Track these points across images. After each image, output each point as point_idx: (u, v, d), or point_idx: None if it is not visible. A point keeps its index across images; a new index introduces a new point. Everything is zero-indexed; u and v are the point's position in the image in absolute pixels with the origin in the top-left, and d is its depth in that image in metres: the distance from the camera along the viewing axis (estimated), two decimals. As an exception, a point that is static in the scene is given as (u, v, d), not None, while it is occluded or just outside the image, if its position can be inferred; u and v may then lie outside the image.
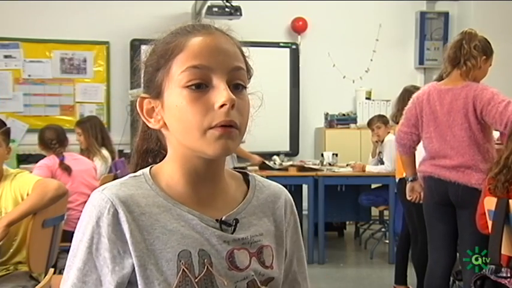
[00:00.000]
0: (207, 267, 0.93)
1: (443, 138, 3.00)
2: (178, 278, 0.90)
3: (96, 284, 0.90)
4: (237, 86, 0.94)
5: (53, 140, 3.89)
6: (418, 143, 3.21)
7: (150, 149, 1.05)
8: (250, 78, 1.01)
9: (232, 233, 0.97)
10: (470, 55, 2.93)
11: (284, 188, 1.10)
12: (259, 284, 0.98)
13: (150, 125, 0.99)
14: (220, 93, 0.90)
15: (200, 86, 0.91)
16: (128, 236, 0.90)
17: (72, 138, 4.35)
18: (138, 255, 0.90)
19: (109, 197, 0.91)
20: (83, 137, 4.47)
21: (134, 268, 0.90)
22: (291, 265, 1.07)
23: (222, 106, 0.90)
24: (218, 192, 1.00)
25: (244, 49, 1.00)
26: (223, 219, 0.97)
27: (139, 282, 0.90)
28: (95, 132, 4.49)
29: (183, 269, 0.91)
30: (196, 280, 0.91)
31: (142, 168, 1.01)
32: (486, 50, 2.98)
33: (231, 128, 0.91)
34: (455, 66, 2.98)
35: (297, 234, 1.09)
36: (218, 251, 0.94)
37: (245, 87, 0.96)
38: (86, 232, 0.91)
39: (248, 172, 1.09)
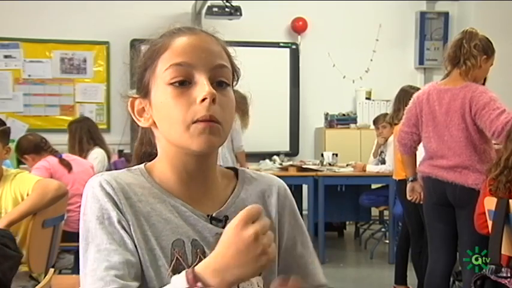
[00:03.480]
0: (200, 257, 0.95)
1: (441, 138, 3.00)
2: (172, 265, 0.93)
3: (119, 252, 0.90)
4: (220, 84, 0.96)
5: (41, 140, 3.82)
6: (418, 143, 3.21)
7: (147, 153, 1.08)
8: (238, 79, 1.04)
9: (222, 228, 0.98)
10: (470, 54, 2.93)
11: (277, 178, 1.12)
12: None
13: (140, 124, 1.02)
14: (201, 88, 0.93)
15: (183, 83, 0.95)
16: (128, 217, 0.93)
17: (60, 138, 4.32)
18: (138, 238, 0.92)
19: (108, 180, 0.95)
20: (68, 138, 4.43)
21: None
22: (295, 249, 1.07)
23: (203, 100, 0.92)
24: (208, 190, 1.02)
25: (230, 50, 1.03)
26: (213, 215, 0.99)
27: (142, 265, 0.92)
28: (79, 134, 4.37)
29: (177, 257, 0.93)
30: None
31: None
32: (487, 49, 2.97)
33: (213, 123, 0.93)
34: (455, 65, 2.98)
35: (295, 218, 1.10)
36: (210, 242, 0.96)
37: (229, 85, 0.98)
38: (94, 211, 0.93)
39: (238, 168, 1.10)
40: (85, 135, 4.39)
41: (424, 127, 3.08)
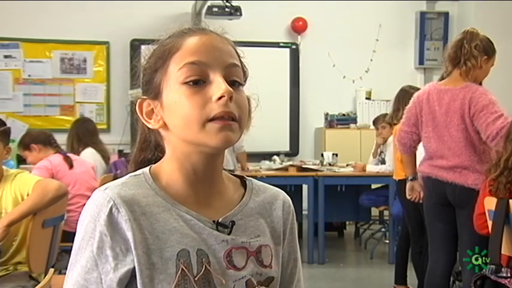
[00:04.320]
0: (205, 266, 0.94)
1: (440, 138, 2.99)
2: (178, 277, 0.91)
3: (97, 282, 0.91)
4: (233, 83, 0.96)
5: (51, 134, 3.88)
6: (418, 143, 3.21)
7: (147, 159, 1.06)
8: (246, 79, 1.02)
9: (228, 234, 0.98)
10: (470, 55, 2.92)
11: (282, 191, 1.12)
12: (255, 284, 0.98)
13: (149, 126, 1.00)
14: (218, 86, 0.92)
15: (198, 82, 0.94)
16: (129, 234, 0.91)
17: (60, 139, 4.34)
18: (138, 254, 0.91)
19: (111, 196, 0.92)
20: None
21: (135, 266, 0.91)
22: (287, 267, 1.08)
23: (220, 98, 0.92)
24: (216, 193, 1.01)
25: (239, 50, 1.02)
26: (219, 221, 0.98)
27: (138, 281, 0.90)
28: (70, 139, 4.44)
29: (182, 268, 0.92)
30: (195, 279, 0.92)
31: None
32: (488, 49, 2.96)
33: (231, 121, 0.93)
34: (456, 65, 2.98)
35: (293, 235, 1.10)
36: (216, 250, 0.96)
37: (241, 84, 0.98)
38: (88, 230, 0.92)
39: (245, 176, 1.10)
40: (74, 138, 4.44)
41: (424, 127, 3.08)
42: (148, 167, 1.01)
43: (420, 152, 3.28)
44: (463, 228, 2.95)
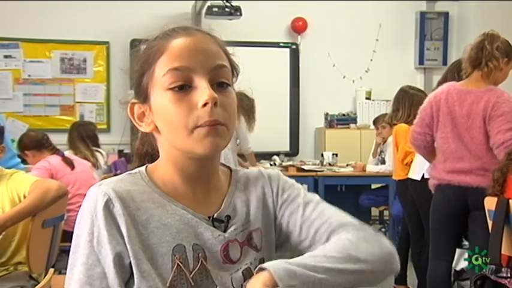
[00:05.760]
0: (201, 261, 0.94)
1: (460, 139, 2.91)
2: (173, 272, 0.92)
3: (101, 277, 0.90)
4: (221, 84, 0.95)
5: (43, 137, 3.88)
6: (432, 144, 3.09)
7: (148, 153, 1.07)
8: (237, 76, 1.02)
9: (224, 231, 0.98)
10: (492, 56, 2.86)
11: (261, 169, 1.12)
12: (254, 272, 0.98)
13: (141, 129, 1.00)
14: (202, 92, 0.92)
15: (183, 87, 0.93)
16: (123, 229, 0.91)
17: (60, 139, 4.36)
18: (133, 249, 0.91)
19: (106, 191, 0.93)
20: None
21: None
22: (304, 211, 1.09)
23: (205, 105, 0.91)
24: (212, 190, 1.01)
25: (229, 48, 1.01)
26: (215, 216, 0.99)
27: (135, 276, 0.90)
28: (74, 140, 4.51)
29: (178, 264, 0.92)
30: (191, 275, 0.92)
31: None
32: (508, 51, 2.91)
33: (217, 126, 0.92)
34: (476, 67, 2.91)
35: (284, 190, 1.10)
36: (212, 245, 0.96)
37: (229, 85, 0.97)
38: (86, 227, 0.92)
39: (231, 167, 1.10)
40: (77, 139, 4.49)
41: (441, 127, 2.98)
42: (144, 166, 1.01)
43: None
44: (478, 230, 2.84)
